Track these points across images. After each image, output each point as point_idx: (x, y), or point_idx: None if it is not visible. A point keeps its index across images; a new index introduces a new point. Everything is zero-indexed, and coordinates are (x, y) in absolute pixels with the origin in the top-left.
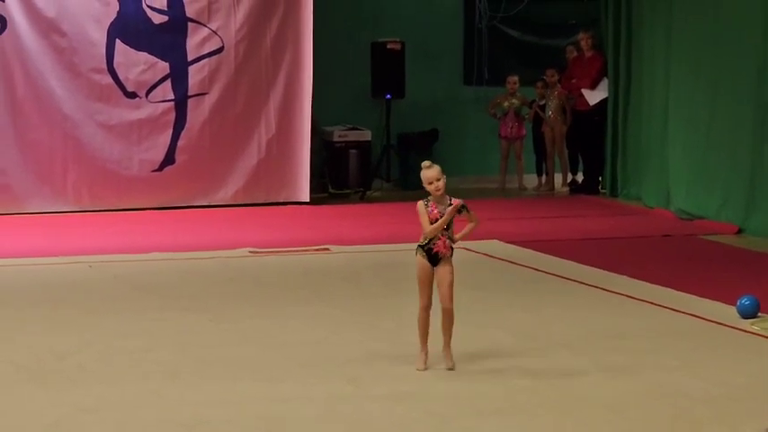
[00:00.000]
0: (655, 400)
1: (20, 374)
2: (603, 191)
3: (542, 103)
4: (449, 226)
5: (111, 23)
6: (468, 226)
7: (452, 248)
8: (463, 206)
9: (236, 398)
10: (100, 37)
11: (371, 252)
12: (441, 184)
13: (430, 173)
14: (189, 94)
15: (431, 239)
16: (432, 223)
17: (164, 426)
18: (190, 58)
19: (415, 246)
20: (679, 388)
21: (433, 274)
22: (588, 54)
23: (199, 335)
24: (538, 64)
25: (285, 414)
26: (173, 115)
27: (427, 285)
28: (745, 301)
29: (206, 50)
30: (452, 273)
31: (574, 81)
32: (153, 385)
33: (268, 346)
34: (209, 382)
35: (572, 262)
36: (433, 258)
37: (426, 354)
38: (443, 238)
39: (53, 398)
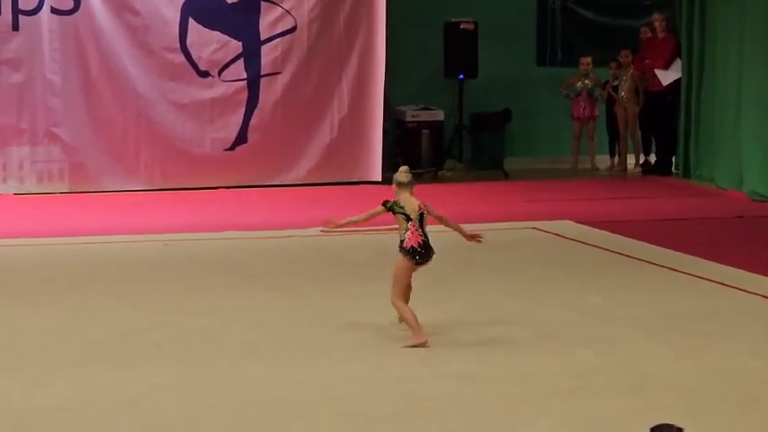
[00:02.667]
0: (725, 381)
1: (95, 352)
2: (676, 172)
3: (615, 83)
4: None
5: (184, 2)
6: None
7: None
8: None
9: (310, 378)
10: (173, 16)
11: (444, 232)
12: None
13: None
14: (261, 73)
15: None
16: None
17: (239, 404)
18: (263, 38)
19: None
20: (749, 370)
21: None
22: (662, 35)
23: (272, 314)
24: (611, 44)
25: (359, 393)
26: (245, 94)
27: None
28: None
29: (279, 30)
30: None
31: (647, 62)
32: (228, 364)
33: (341, 326)
34: (283, 361)
35: (644, 243)
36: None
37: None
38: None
39: (129, 376)
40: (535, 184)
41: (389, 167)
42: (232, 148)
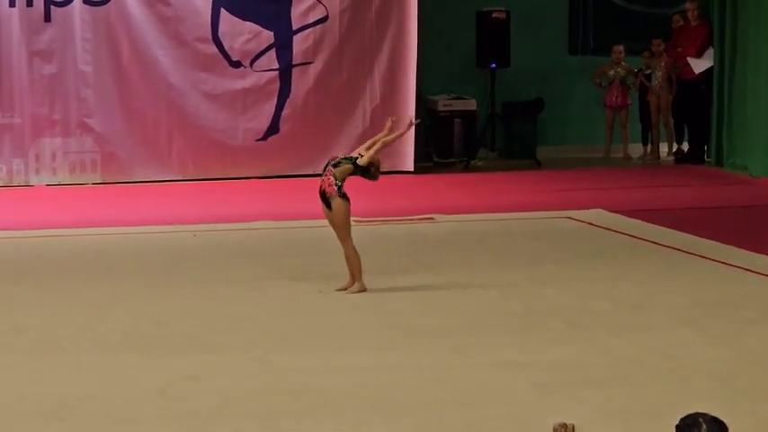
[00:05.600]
0: (759, 368)
1: (125, 342)
2: (709, 160)
3: (648, 72)
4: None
5: None
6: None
7: (336, 187)
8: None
9: (341, 366)
10: (205, 6)
11: (476, 221)
12: None
13: None
14: (293, 63)
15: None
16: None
17: (269, 393)
18: (294, 28)
19: None
20: None
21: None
22: (694, 23)
23: (304, 303)
24: (643, 33)
25: (391, 382)
26: (277, 84)
27: None
28: None
29: (310, 20)
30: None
31: (679, 50)
32: (258, 353)
33: (373, 315)
34: (314, 350)
35: (676, 231)
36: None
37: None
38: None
39: (159, 365)
40: (567, 173)
41: (421, 157)
42: (264, 138)
